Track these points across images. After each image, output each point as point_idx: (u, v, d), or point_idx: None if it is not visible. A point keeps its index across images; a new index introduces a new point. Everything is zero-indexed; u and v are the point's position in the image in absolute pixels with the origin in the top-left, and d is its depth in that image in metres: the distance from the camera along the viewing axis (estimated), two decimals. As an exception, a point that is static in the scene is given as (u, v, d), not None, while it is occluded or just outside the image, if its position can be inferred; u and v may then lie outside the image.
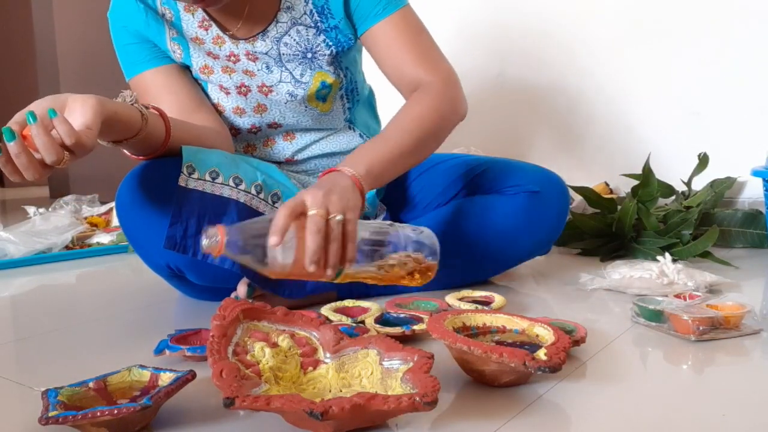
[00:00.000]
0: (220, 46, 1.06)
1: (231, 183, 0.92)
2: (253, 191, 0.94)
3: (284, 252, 0.74)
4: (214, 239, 0.72)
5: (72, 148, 0.74)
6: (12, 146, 0.72)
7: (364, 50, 1.18)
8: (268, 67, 1.07)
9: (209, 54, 1.07)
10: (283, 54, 1.06)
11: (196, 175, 0.90)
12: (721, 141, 1.64)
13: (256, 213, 0.94)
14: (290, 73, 1.07)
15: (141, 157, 0.94)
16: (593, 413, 0.62)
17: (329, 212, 0.75)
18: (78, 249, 1.60)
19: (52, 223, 1.63)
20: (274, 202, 0.97)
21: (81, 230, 1.67)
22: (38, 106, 0.76)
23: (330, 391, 0.64)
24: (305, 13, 1.05)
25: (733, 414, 0.61)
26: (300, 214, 0.75)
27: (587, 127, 1.86)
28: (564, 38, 1.87)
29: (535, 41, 1.92)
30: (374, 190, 1.10)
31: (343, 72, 1.12)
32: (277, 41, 1.05)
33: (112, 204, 1.89)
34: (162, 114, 0.91)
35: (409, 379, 0.59)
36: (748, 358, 0.78)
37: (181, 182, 0.88)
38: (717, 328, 0.83)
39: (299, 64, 1.07)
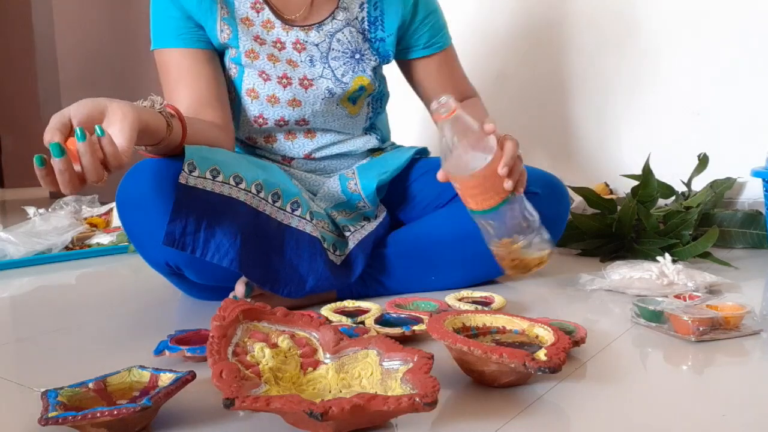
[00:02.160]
0: (268, 31, 1.07)
1: (231, 181, 0.92)
2: (253, 190, 0.94)
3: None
4: (447, 106, 0.84)
5: (112, 169, 0.73)
6: (58, 162, 0.69)
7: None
8: (311, 61, 1.09)
9: (256, 38, 1.07)
10: (333, 49, 1.09)
11: (196, 173, 0.89)
12: (720, 141, 1.64)
13: (255, 211, 0.94)
14: (332, 71, 1.09)
15: (152, 155, 0.94)
16: (593, 414, 0.62)
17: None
18: (78, 249, 1.61)
19: (51, 224, 1.63)
20: (274, 201, 0.97)
21: (81, 231, 1.67)
22: (81, 115, 0.73)
23: (330, 392, 0.64)
24: (357, 18, 1.11)
25: (733, 414, 0.61)
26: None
27: (587, 128, 1.86)
28: (564, 39, 1.87)
29: (535, 42, 1.92)
30: (374, 185, 1.10)
31: (377, 81, 1.16)
32: (331, 36, 1.09)
33: (112, 204, 1.89)
34: (181, 118, 0.90)
35: (409, 379, 0.59)
36: (748, 358, 0.78)
37: (182, 180, 0.88)
38: (717, 329, 0.83)
39: (344, 63, 1.10)
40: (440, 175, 0.88)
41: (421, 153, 1.27)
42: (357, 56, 1.10)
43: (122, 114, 0.76)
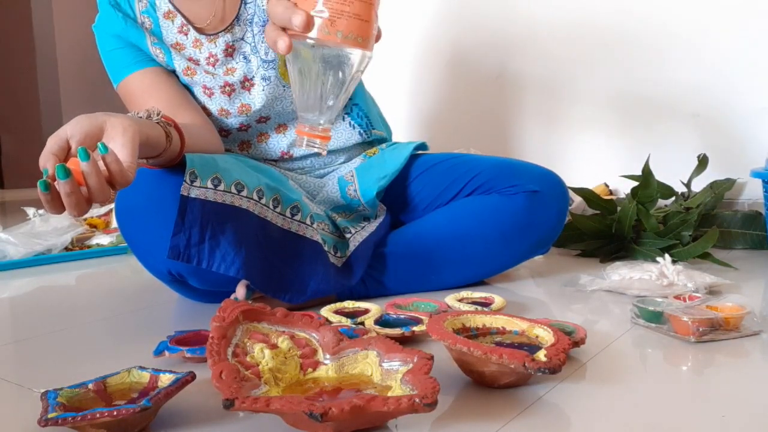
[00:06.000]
0: (199, 49, 1.07)
1: (233, 190, 0.91)
2: (255, 197, 0.93)
3: None
4: None
5: (118, 187, 0.72)
6: (64, 185, 0.66)
7: None
8: (245, 58, 1.08)
9: (190, 59, 1.08)
10: (256, 35, 1.07)
11: (198, 183, 0.88)
12: (720, 142, 1.64)
13: (258, 218, 0.94)
14: (259, 57, 1.08)
15: (152, 167, 0.94)
16: (593, 414, 0.62)
17: None
18: (77, 250, 1.60)
19: (51, 225, 1.63)
20: (274, 207, 0.96)
21: (80, 231, 1.67)
22: (80, 134, 0.71)
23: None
24: None
25: (733, 415, 0.61)
26: None
27: (587, 128, 1.86)
28: (564, 39, 1.87)
29: (535, 42, 1.92)
30: (374, 191, 1.10)
31: None
32: (250, 23, 1.07)
33: (112, 205, 1.89)
34: (177, 127, 0.89)
35: (409, 380, 0.59)
36: (748, 359, 0.78)
37: (183, 191, 0.87)
38: (717, 330, 0.83)
39: (262, 40, 1.07)
40: None
41: (420, 148, 1.26)
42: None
43: (122, 128, 0.74)
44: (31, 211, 1.83)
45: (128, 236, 0.97)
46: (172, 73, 1.10)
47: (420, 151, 1.26)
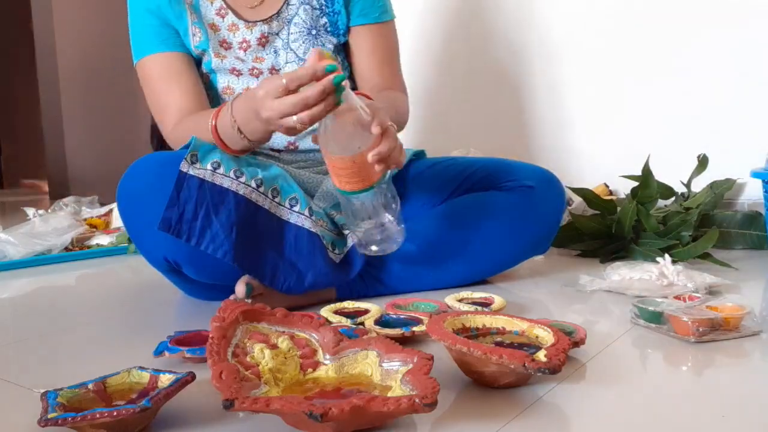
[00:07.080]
0: (234, 33, 1.10)
1: (232, 175, 0.93)
2: (253, 184, 0.95)
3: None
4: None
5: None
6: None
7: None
8: (275, 51, 1.11)
9: (223, 42, 1.11)
10: (291, 33, 1.11)
11: (198, 165, 0.92)
12: (720, 142, 1.64)
13: (255, 206, 0.94)
14: (294, 53, 1.11)
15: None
16: (593, 415, 0.62)
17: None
18: (77, 250, 1.61)
19: (51, 225, 1.63)
20: (273, 197, 0.97)
21: (80, 232, 1.67)
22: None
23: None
24: None
25: (733, 415, 0.61)
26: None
27: (587, 129, 1.86)
28: (564, 40, 1.87)
29: (535, 43, 1.92)
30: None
31: (340, 63, 1.15)
32: (288, 22, 1.11)
33: (112, 205, 1.89)
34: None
35: (409, 380, 0.59)
36: (748, 359, 0.78)
37: (183, 168, 0.90)
38: (717, 330, 0.83)
39: (303, 42, 1.11)
40: (313, 138, 0.93)
41: (417, 156, 1.27)
42: (314, 32, 1.11)
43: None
44: (31, 211, 1.83)
45: (127, 219, 0.99)
46: (195, 60, 1.13)
47: (418, 158, 1.27)
